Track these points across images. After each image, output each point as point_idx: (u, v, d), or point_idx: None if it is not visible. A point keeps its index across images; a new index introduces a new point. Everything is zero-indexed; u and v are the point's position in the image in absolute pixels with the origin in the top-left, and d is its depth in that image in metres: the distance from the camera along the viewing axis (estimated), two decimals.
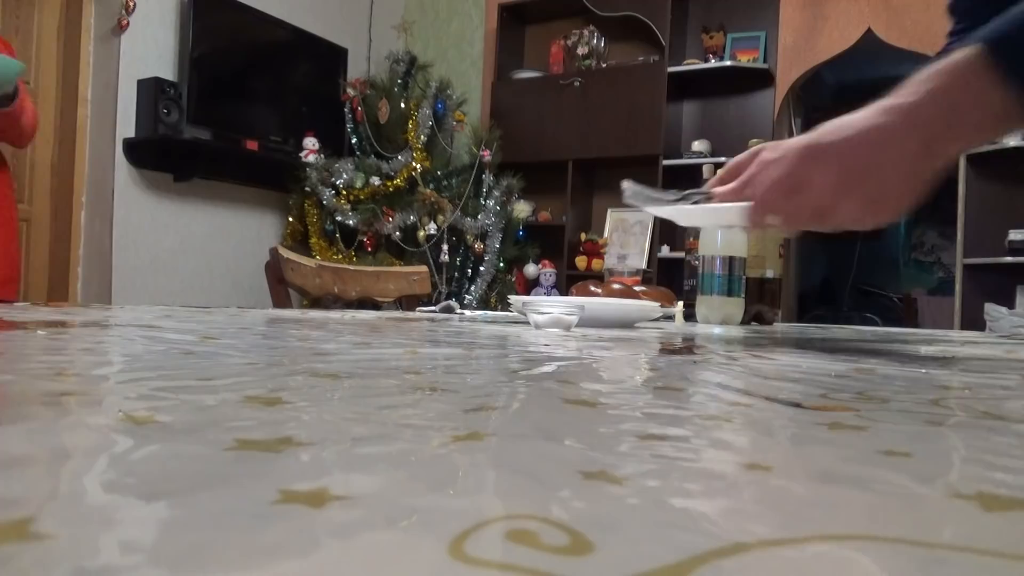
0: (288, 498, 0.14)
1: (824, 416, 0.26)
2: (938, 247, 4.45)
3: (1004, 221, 2.97)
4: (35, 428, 0.19)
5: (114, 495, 0.14)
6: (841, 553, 0.12)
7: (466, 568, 0.11)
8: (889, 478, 0.18)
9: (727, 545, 0.12)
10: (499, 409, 0.25)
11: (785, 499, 0.16)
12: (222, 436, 0.19)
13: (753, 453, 0.21)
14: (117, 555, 0.11)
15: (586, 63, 3.90)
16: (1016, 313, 2.69)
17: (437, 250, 3.45)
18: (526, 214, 3.78)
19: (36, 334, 0.43)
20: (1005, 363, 0.58)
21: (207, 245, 3.50)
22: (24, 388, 0.25)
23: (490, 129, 3.76)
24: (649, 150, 3.61)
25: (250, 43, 3.54)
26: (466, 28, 4.37)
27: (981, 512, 0.15)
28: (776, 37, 3.48)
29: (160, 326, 0.57)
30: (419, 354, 0.44)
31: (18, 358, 0.32)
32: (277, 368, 0.35)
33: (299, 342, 0.48)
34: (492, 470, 0.17)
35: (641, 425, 0.24)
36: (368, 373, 0.34)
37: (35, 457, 0.16)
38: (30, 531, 0.11)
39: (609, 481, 0.16)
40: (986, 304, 2.78)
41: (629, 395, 0.31)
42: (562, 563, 0.11)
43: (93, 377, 0.28)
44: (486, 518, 0.13)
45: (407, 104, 3.59)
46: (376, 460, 0.18)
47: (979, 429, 0.26)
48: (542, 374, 0.36)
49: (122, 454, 0.17)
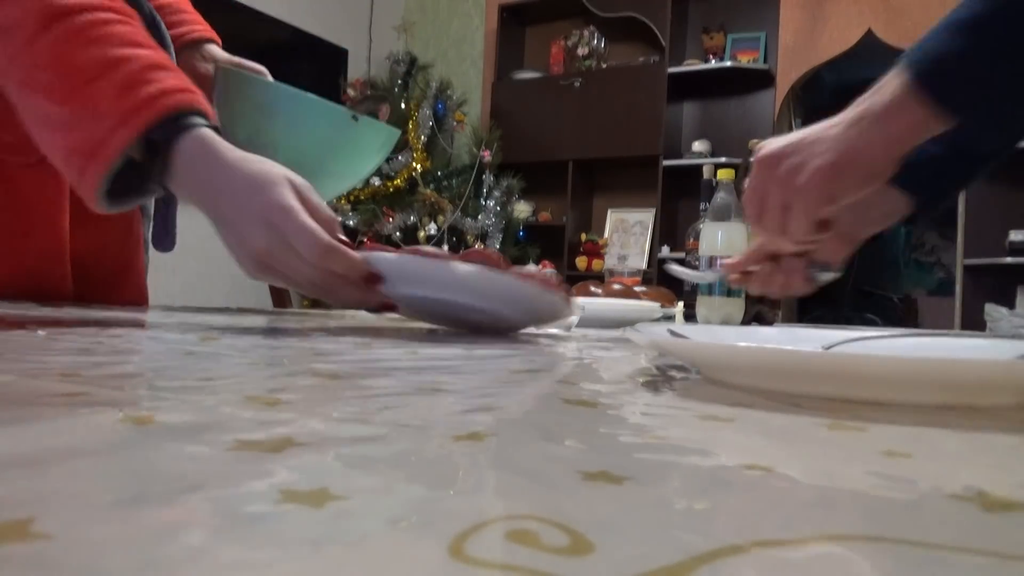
0: (288, 498, 0.14)
1: (824, 416, 0.26)
2: (938, 248, 4.44)
3: (1004, 221, 2.97)
4: (35, 428, 0.19)
5: (114, 495, 0.14)
6: (841, 553, 0.12)
7: (466, 568, 0.11)
8: (889, 478, 0.18)
9: (727, 545, 0.12)
10: (499, 409, 0.25)
11: (785, 499, 0.16)
12: (222, 436, 0.19)
13: (753, 453, 0.21)
14: (117, 555, 0.11)
15: (586, 64, 3.90)
16: (1016, 314, 2.69)
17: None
18: (526, 214, 3.78)
19: (36, 334, 0.43)
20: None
21: (207, 245, 3.49)
22: (24, 388, 0.25)
23: (490, 129, 3.76)
24: (649, 150, 3.61)
25: (250, 43, 3.54)
26: (466, 28, 4.37)
27: (981, 512, 0.15)
28: (776, 37, 3.48)
29: (160, 326, 0.57)
30: (419, 354, 0.44)
31: (17, 358, 0.32)
32: (277, 368, 0.35)
33: (299, 342, 0.48)
34: (492, 470, 0.17)
35: (641, 425, 0.24)
36: (368, 373, 0.34)
37: (35, 457, 0.16)
38: (30, 531, 0.11)
39: (609, 481, 0.16)
40: (986, 305, 2.78)
41: (629, 395, 0.31)
42: (562, 563, 0.11)
43: (93, 377, 0.28)
44: (486, 518, 0.13)
45: (407, 104, 3.59)
46: (376, 460, 0.18)
47: (979, 430, 0.26)
48: (542, 374, 0.36)
49: (122, 454, 0.17)
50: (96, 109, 0.56)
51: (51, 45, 0.57)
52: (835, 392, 0.30)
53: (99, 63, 0.56)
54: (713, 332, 0.51)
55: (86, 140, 0.56)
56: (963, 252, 3.04)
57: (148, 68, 0.57)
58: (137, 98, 0.55)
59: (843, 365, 0.30)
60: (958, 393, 0.29)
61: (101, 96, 0.56)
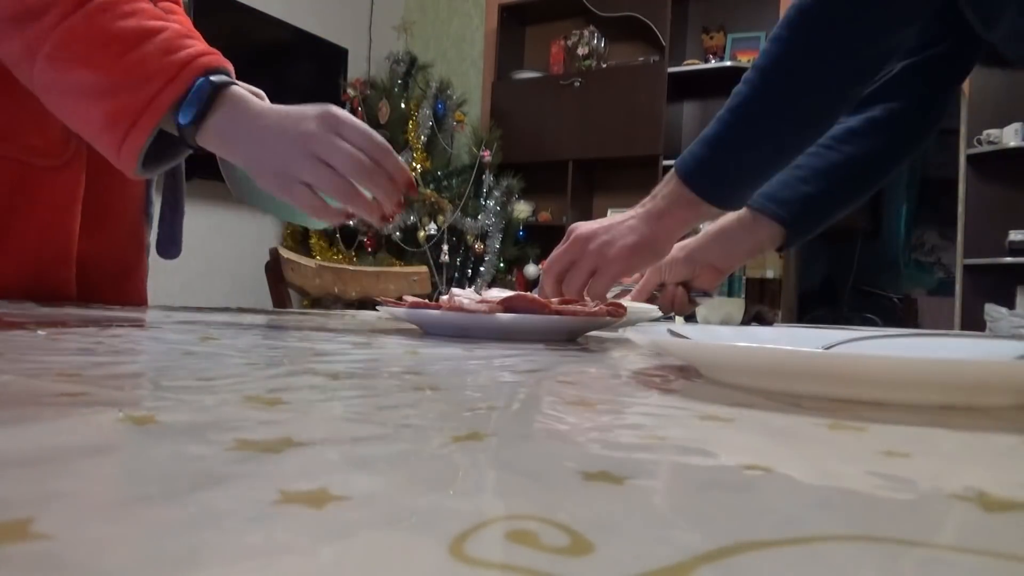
0: (288, 498, 0.14)
1: (824, 416, 0.26)
2: (938, 247, 4.44)
3: (1004, 221, 2.96)
4: (35, 428, 0.19)
5: (114, 495, 0.14)
6: (841, 553, 0.12)
7: (466, 568, 0.11)
8: (889, 478, 0.18)
9: (727, 545, 0.12)
10: (499, 409, 0.25)
11: (785, 499, 0.16)
12: (222, 436, 0.19)
13: (753, 453, 0.21)
14: (117, 555, 0.11)
15: (586, 63, 3.90)
16: (1016, 314, 2.69)
17: (437, 250, 3.45)
18: (526, 214, 3.78)
19: (36, 334, 0.43)
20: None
21: (207, 245, 3.50)
22: (23, 388, 0.25)
23: (490, 129, 3.76)
24: (649, 150, 3.61)
25: (250, 43, 3.54)
26: (466, 28, 4.37)
27: (981, 512, 0.15)
28: None
29: (160, 326, 0.57)
30: (419, 354, 0.44)
31: (17, 358, 0.32)
32: (277, 368, 0.35)
33: (299, 342, 0.48)
34: (492, 470, 0.17)
35: (641, 425, 0.24)
36: (368, 373, 0.34)
37: (35, 457, 0.16)
38: (30, 531, 0.11)
39: (609, 481, 0.16)
40: (986, 305, 2.78)
41: (629, 395, 0.31)
42: (562, 563, 0.11)
43: (93, 377, 0.28)
44: (486, 518, 0.13)
45: (407, 104, 3.59)
46: (376, 460, 0.18)
47: (979, 430, 0.26)
48: (542, 374, 0.36)
49: (122, 454, 0.17)
50: (144, 71, 0.61)
51: (87, 19, 0.62)
52: (835, 392, 0.30)
53: (138, 32, 0.62)
54: (713, 332, 0.51)
55: (133, 101, 0.61)
56: (963, 252, 3.04)
57: (180, 36, 0.64)
58: (179, 58, 0.62)
59: (843, 365, 0.30)
60: (958, 393, 0.29)
61: (148, 59, 0.61)
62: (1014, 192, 2.98)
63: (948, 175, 3.16)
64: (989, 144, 2.94)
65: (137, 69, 0.61)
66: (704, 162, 0.73)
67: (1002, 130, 2.91)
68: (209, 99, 0.62)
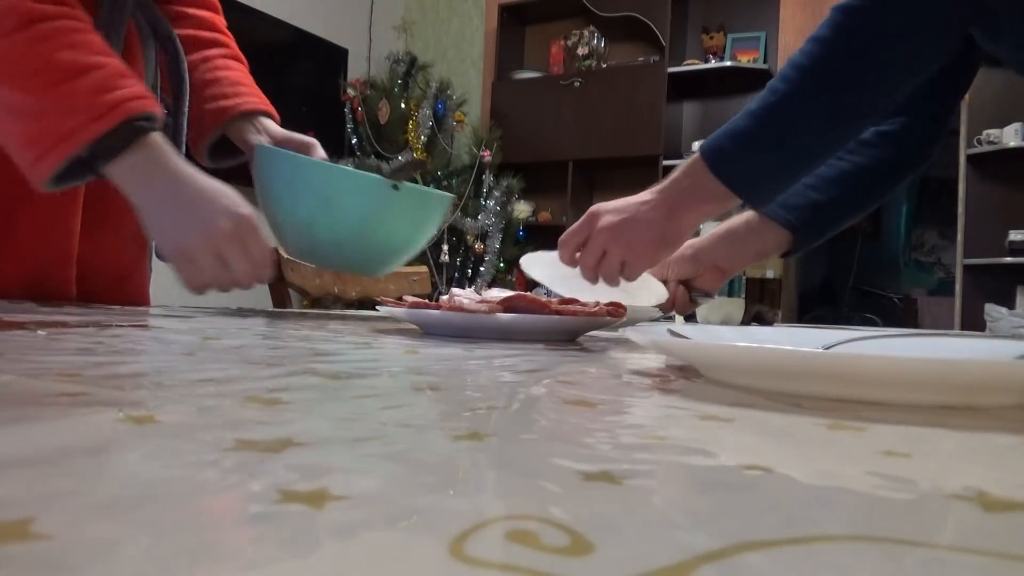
0: (288, 498, 0.14)
1: (824, 416, 0.26)
2: (938, 247, 4.44)
3: (1004, 221, 2.96)
4: (35, 428, 0.19)
5: (114, 495, 0.14)
6: (841, 553, 0.12)
7: (466, 568, 0.11)
8: (889, 478, 0.18)
9: (727, 545, 0.12)
10: (499, 409, 0.25)
11: (785, 499, 0.16)
12: (222, 436, 0.19)
13: (753, 453, 0.21)
14: (117, 555, 0.11)
15: (586, 63, 3.90)
16: (1016, 314, 2.69)
17: (437, 250, 3.45)
18: (526, 214, 3.78)
19: (36, 334, 0.43)
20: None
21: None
22: (23, 388, 0.25)
23: (490, 129, 3.76)
24: (649, 150, 3.61)
25: (250, 43, 3.54)
26: (466, 28, 4.37)
27: (981, 512, 0.15)
28: (776, 37, 3.48)
29: (160, 326, 0.57)
30: (419, 354, 0.44)
31: (18, 358, 0.32)
32: (277, 368, 0.35)
33: (299, 342, 0.48)
34: (492, 470, 0.17)
35: (641, 425, 0.24)
36: (368, 373, 0.34)
37: (35, 457, 0.16)
38: (30, 531, 0.11)
39: (609, 481, 0.16)
40: (986, 305, 2.78)
41: (629, 395, 0.31)
42: (562, 563, 0.11)
43: (93, 377, 0.28)
44: (486, 518, 0.13)
45: (407, 104, 3.59)
46: (376, 460, 0.18)
47: (979, 430, 0.26)
48: (542, 374, 0.36)
49: (123, 454, 0.17)
50: (72, 104, 0.63)
51: (31, 42, 0.64)
52: (835, 392, 0.30)
53: (75, 66, 0.64)
54: (713, 332, 0.51)
55: (55, 129, 0.63)
56: (963, 252, 3.04)
57: (117, 75, 0.66)
58: (108, 99, 0.64)
59: (843, 365, 0.30)
60: (958, 393, 0.29)
61: (78, 93, 0.63)
62: (1014, 192, 2.98)
63: (948, 175, 3.16)
64: (989, 144, 2.94)
65: (66, 100, 0.63)
66: (737, 157, 0.71)
67: (1002, 130, 2.91)
68: (127, 143, 0.65)
